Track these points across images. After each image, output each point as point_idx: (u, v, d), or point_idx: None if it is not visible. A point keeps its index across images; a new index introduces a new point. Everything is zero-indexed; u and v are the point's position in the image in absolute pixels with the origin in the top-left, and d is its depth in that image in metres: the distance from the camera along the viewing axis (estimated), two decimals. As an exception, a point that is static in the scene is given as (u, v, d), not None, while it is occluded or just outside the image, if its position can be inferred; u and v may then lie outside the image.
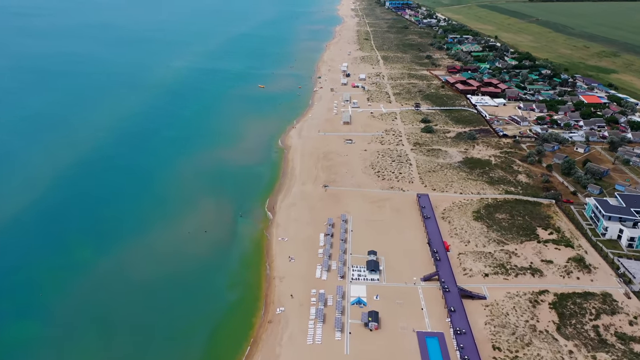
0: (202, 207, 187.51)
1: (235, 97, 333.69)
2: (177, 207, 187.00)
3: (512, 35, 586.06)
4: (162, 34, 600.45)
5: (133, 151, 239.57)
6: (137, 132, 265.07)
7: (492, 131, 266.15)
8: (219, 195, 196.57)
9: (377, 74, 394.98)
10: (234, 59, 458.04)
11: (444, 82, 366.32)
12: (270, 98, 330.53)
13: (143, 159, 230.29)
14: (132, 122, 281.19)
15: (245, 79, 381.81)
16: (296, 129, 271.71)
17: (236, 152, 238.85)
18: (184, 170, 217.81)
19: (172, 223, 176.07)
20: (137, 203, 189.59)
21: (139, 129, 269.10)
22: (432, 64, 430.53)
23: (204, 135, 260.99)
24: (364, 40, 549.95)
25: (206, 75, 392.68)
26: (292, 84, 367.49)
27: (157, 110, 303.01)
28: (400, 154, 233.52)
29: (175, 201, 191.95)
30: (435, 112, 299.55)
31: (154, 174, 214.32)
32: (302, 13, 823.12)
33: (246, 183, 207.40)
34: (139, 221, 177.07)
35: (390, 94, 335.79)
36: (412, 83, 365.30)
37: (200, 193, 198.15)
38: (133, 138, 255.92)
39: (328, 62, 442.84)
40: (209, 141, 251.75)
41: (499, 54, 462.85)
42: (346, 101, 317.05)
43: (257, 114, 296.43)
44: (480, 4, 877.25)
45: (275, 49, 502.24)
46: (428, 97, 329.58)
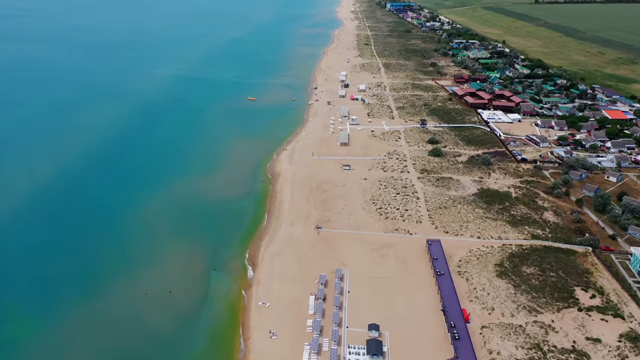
0: (167, 257, 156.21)
1: (222, 111, 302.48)
2: (135, 258, 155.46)
3: (520, 40, 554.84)
4: (150, 38, 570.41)
5: (90, 185, 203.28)
6: (101, 158, 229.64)
7: (509, 154, 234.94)
8: (191, 241, 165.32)
9: (378, 84, 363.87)
10: (224, 66, 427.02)
11: (451, 93, 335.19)
12: (261, 113, 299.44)
13: (102, 194, 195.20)
14: (98, 144, 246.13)
15: (234, 90, 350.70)
16: (287, 151, 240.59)
17: (216, 183, 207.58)
18: (149, 208, 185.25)
19: (127, 280, 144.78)
20: (84, 252, 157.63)
21: (103, 154, 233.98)
22: (438, 72, 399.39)
23: (179, 160, 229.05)
24: (364, 45, 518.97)
25: (192, 85, 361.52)
26: (285, 96, 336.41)
27: (131, 129, 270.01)
28: (406, 184, 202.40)
29: (134, 249, 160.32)
30: (443, 130, 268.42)
31: (112, 213, 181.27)
32: (300, 15, 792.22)
33: (225, 223, 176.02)
34: (84, 277, 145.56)
35: (392, 108, 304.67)
36: (417, 95, 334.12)
37: (167, 238, 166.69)
38: (95, 166, 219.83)
39: (325, 70, 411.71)
40: (185, 169, 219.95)
41: (508, 61, 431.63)
42: (344, 117, 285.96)
43: (244, 133, 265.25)
44: (485, 5, 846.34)
45: (269, 56, 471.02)
46: (434, 111, 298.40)
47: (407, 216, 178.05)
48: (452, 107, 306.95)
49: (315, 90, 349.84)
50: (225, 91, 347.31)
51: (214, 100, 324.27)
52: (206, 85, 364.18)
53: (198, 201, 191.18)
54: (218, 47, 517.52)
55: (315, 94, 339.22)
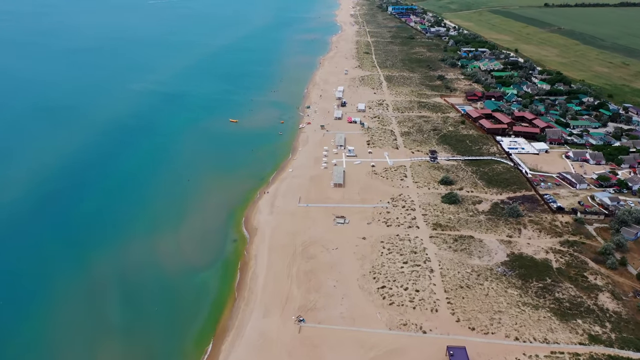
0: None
1: (197, 137, 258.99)
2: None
3: (533, 48, 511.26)
4: (130, 43, 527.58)
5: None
6: (21, 207, 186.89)
7: (540, 200, 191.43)
8: (122, 348, 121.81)
9: (380, 102, 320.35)
10: (208, 79, 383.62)
11: (464, 115, 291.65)
12: (243, 139, 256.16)
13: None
14: (24, 185, 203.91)
15: (215, 109, 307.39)
16: (269, 194, 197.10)
17: (174, 243, 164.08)
18: (70, 289, 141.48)
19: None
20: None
21: (26, 200, 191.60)
22: (446, 87, 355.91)
23: (131, 208, 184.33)
24: (364, 54, 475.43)
25: (167, 103, 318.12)
26: (273, 117, 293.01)
27: (77, 162, 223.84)
28: (416, 247, 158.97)
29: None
30: (457, 164, 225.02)
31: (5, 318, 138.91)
32: (297, 19, 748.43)
33: (174, 316, 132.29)
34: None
35: (396, 134, 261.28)
36: (424, 117, 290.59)
37: (85, 345, 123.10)
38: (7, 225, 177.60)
39: (320, 84, 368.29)
40: (137, 221, 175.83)
41: (524, 73, 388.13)
42: (340, 146, 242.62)
43: (220, 168, 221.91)
44: (492, 9, 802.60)
45: (259, 67, 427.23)
46: (446, 139, 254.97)
47: (419, 301, 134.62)
48: (466, 133, 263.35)
49: (308, 109, 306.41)
50: (204, 110, 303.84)
51: (189, 122, 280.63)
52: (184, 102, 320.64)
53: (142, 277, 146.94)
54: (204, 55, 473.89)
55: (307, 115, 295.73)
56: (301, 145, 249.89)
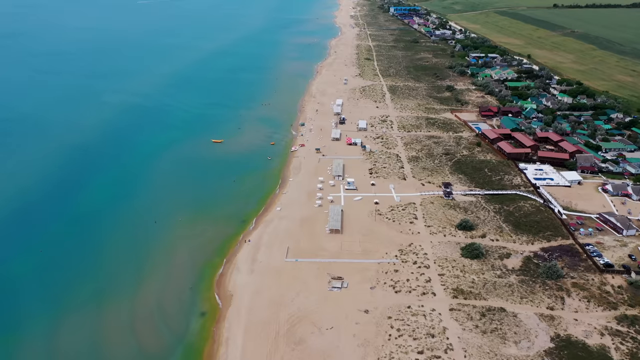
0: None
1: (171, 165, 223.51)
2: None
3: (547, 54, 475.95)
4: (111, 47, 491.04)
5: None
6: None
7: (581, 253, 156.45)
8: None
9: (383, 118, 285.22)
10: (194, 89, 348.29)
11: (479, 135, 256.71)
12: (224, 166, 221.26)
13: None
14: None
15: (198, 126, 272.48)
16: (251, 244, 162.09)
17: (118, 322, 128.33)
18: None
19: None
20: None
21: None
22: (457, 100, 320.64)
23: (80, 261, 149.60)
24: (365, 60, 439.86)
25: (143, 120, 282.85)
26: (262, 137, 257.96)
27: (20, 198, 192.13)
28: (433, 328, 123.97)
29: None
30: (476, 200, 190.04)
31: None
32: (295, 21, 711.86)
33: None
34: None
35: (403, 160, 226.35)
36: (434, 137, 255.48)
37: None
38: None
39: (317, 95, 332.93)
40: (84, 281, 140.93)
41: (541, 83, 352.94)
42: (337, 177, 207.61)
43: (194, 205, 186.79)
44: (498, 10, 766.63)
45: (251, 74, 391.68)
46: (460, 166, 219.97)
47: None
48: (484, 159, 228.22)
49: (302, 127, 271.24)
50: (185, 128, 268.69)
51: (166, 145, 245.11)
52: (163, 118, 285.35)
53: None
54: (191, 61, 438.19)
55: (301, 134, 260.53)
56: (292, 174, 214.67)
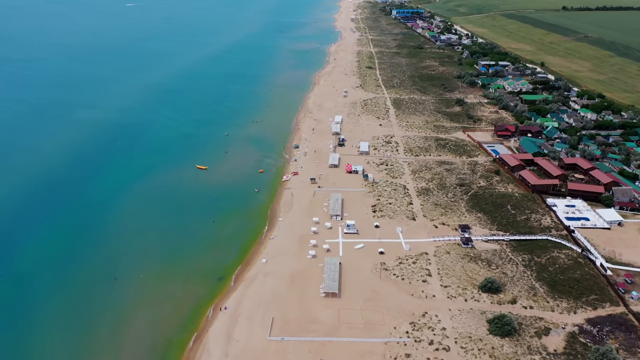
0: None
1: (144, 199, 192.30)
2: None
3: (561, 61, 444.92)
4: (93, 54, 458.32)
5: None
6: None
7: (638, 328, 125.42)
8: None
9: (388, 138, 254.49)
10: (180, 103, 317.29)
11: (497, 159, 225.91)
12: (204, 202, 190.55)
13: None
14: None
15: (182, 148, 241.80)
16: (227, 312, 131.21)
17: None
18: None
19: None
20: None
21: None
22: (468, 115, 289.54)
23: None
24: (367, 69, 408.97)
25: (121, 140, 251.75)
26: (250, 163, 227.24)
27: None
28: None
29: None
30: (500, 249, 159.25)
31: None
32: (292, 25, 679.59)
33: None
34: None
35: (411, 193, 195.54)
36: (446, 163, 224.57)
37: None
38: None
39: (314, 110, 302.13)
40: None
41: (559, 96, 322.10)
42: (335, 217, 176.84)
43: (161, 258, 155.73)
44: (505, 13, 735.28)
45: (242, 85, 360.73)
46: (478, 201, 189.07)
47: None
48: (504, 192, 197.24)
49: (296, 150, 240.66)
50: (167, 150, 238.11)
51: (143, 170, 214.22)
52: (143, 139, 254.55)
53: None
54: (177, 70, 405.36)
55: (294, 159, 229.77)
56: (283, 211, 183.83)
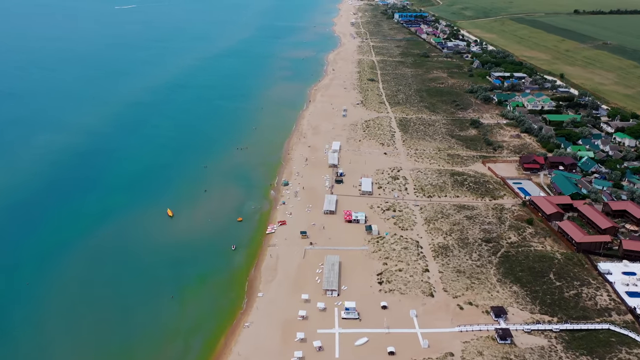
0: None
1: (87, 265, 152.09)
2: None
3: (581, 72, 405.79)
4: (58, 63, 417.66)
5: None
6: None
7: None
8: None
9: (394, 172, 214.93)
10: (152, 124, 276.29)
11: (529, 204, 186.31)
12: (165, 266, 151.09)
13: None
14: None
15: (149, 187, 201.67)
16: None
17: None
18: None
19: None
20: None
21: None
22: (486, 141, 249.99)
23: None
24: (369, 81, 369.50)
25: (74, 175, 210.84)
26: (230, 205, 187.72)
27: None
28: None
29: None
30: (550, 345, 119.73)
31: None
32: (288, 30, 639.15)
33: None
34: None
35: (427, 254, 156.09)
36: (466, 208, 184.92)
37: None
38: None
39: (308, 134, 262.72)
40: None
41: (588, 117, 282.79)
42: (330, 292, 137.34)
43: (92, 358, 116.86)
44: (514, 17, 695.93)
45: (227, 101, 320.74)
46: (511, 265, 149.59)
47: None
48: (542, 250, 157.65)
49: (286, 188, 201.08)
50: (130, 189, 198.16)
51: (97, 218, 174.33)
52: (105, 173, 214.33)
53: None
54: (159, 84, 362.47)
55: (282, 202, 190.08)
56: (264, 281, 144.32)
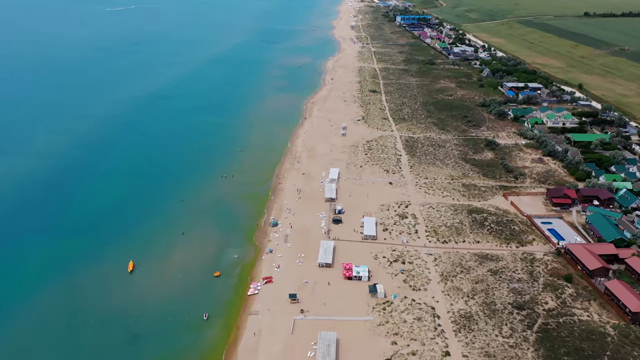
0: None
1: (23, 340, 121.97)
2: None
3: (600, 81, 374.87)
4: (34, 76, 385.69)
5: None
6: None
7: None
8: None
9: (401, 209, 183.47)
10: (124, 145, 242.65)
11: (564, 253, 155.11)
12: (119, 344, 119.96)
13: None
14: None
15: (112, 229, 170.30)
16: None
17: None
18: None
19: None
20: None
21: None
22: (505, 167, 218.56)
23: None
24: (371, 93, 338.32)
25: (22, 217, 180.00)
26: (206, 254, 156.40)
27: None
28: None
29: None
30: None
31: None
32: (285, 33, 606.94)
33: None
34: None
35: (445, 327, 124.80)
36: (489, 259, 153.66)
37: None
38: None
39: (303, 158, 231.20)
40: None
41: (619, 137, 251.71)
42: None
43: None
44: (521, 20, 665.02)
45: (213, 117, 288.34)
46: (553, 345, 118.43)
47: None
48: (589, 322, 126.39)
49: (274, 229, 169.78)
50: (86, 233, 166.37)
51: (37, 277, 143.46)
52: (54, 211, 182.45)
53: None
54: (138, 96, 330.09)
55: (269, 249, 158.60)
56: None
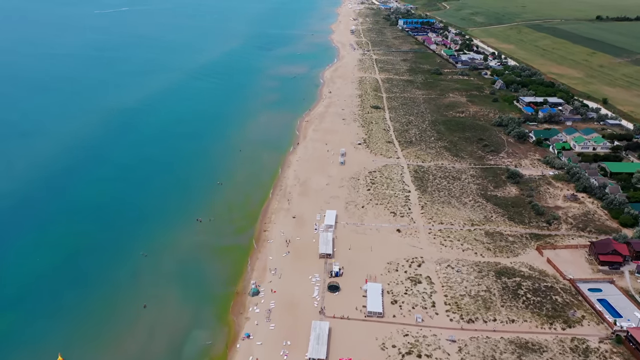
0: None
1: None
2: None
3: (625, 94, 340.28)
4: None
5: None
6: None
7: None
8: None
9: (413, 270, 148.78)
10: (84, 180, 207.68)
11: (624, 340, 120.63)
12: None
13: None
14: None
15: (32, 318, 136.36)
16: None
17: None
18: None
19: None
20: None
21: None
22: (536, 210, 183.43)
23: None
24: (373, 109, 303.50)
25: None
26: (166, 341, 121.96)
27: None
28: None
29: None
30: None
31: None
32: (281, 39, 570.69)
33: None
34: None
35: None
36: (530, 348, 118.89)
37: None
38: None
39: (294, 196, 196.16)
40: None
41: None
42: None
43: None
44: (530, 23, 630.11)
45: (192, 141, 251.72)
46: None
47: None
48: None
49: (255, 302, 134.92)
50: (23, 307, 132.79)
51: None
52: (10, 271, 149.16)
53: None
54: (114, 113, 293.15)
55: (245, 334, 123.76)
56: None
